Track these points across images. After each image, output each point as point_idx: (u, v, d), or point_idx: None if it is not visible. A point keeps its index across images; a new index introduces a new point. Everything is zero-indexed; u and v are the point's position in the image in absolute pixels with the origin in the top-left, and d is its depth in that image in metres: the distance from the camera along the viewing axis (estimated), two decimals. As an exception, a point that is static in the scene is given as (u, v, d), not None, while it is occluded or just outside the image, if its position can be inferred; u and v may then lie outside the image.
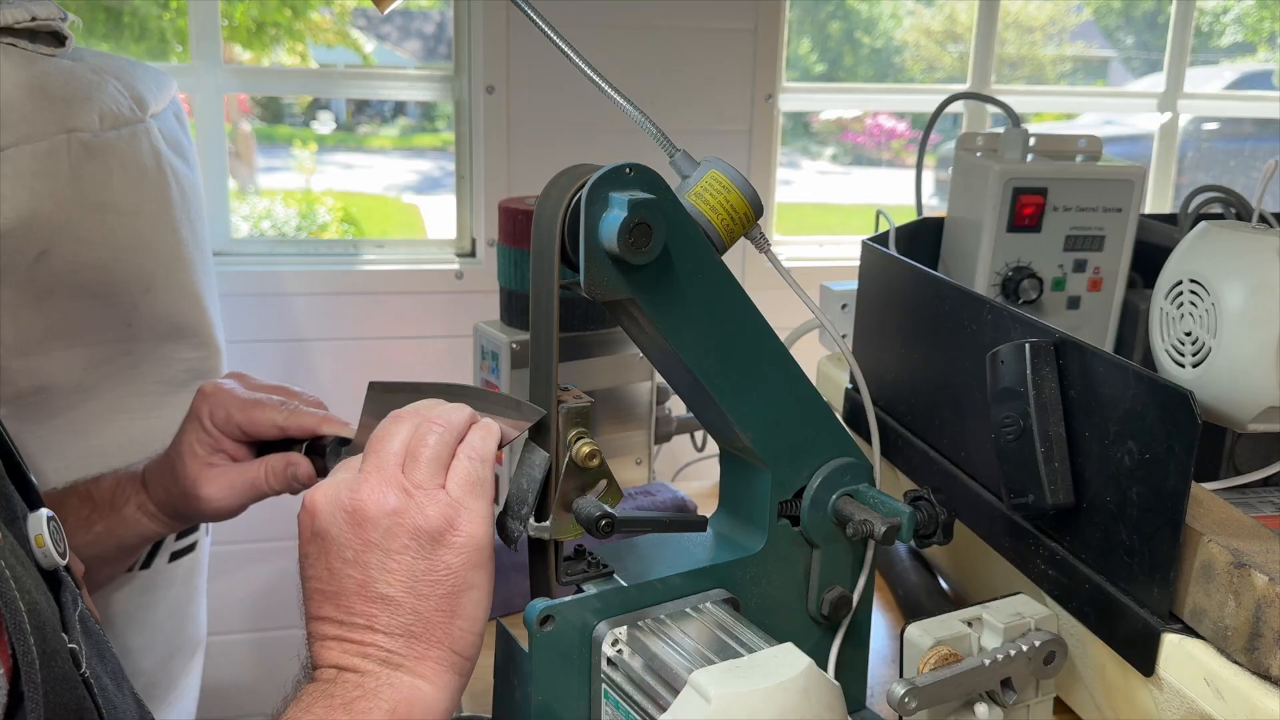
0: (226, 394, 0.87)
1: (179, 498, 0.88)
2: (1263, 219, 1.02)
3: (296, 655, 0.66)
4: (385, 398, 0.74)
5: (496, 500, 0.68)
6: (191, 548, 1.03)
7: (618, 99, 0.70)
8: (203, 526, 1.37)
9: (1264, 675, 0.61)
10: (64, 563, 0.64)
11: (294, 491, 0.86)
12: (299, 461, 0.86)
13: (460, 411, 0.68)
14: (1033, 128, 1.11)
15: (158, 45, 2.57)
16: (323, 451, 0.85)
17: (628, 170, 0.64)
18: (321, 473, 0.85)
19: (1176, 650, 0.65)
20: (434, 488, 0.64)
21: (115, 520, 0.91)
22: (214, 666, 1.62)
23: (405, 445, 0.65)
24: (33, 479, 0.68)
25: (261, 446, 0.89)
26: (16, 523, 0.61)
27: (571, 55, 0.70)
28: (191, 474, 0.86)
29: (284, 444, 0.87)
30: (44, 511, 0.64)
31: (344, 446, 0.84)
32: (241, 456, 0.88)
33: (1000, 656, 0.72)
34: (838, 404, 1.08)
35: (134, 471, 0.93)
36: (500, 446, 0.68)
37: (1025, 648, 0.72)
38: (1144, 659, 0.67)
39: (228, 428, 0.86)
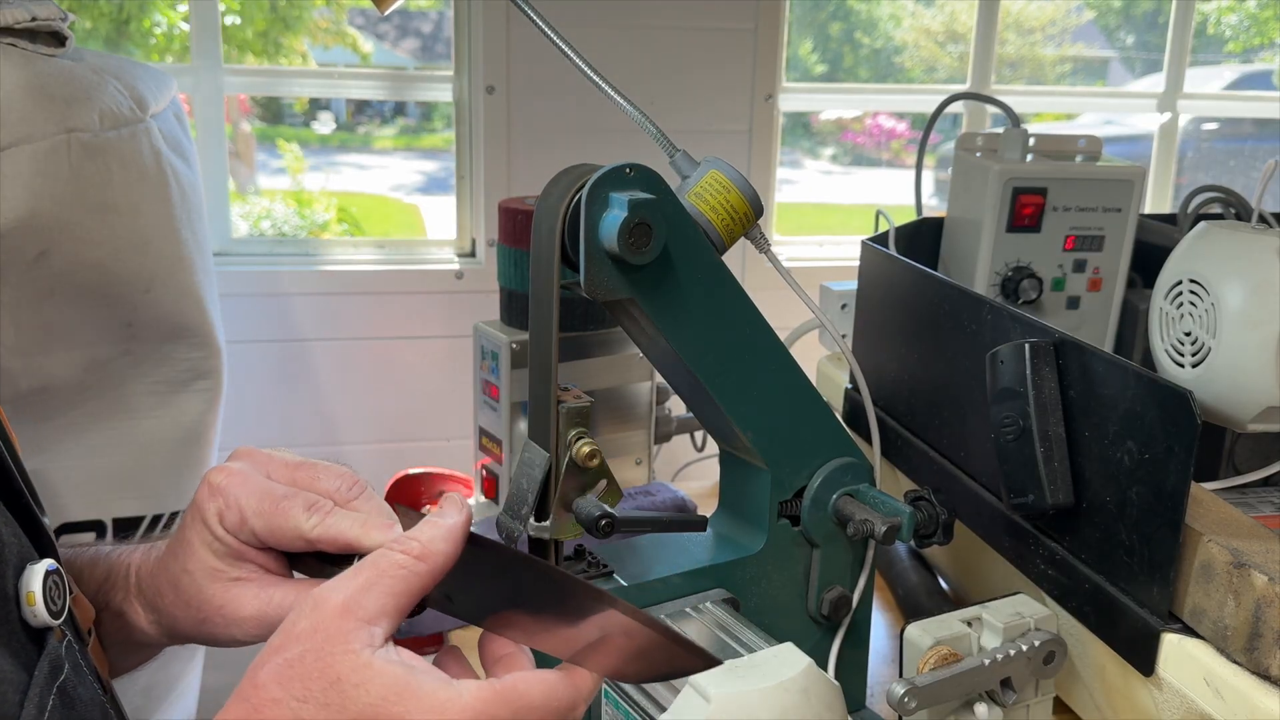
0: (240, 489, 0.63)
1: (197, 624, 0.65)
2: (1262, 219, 1.02)
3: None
4: (474, 555, 0.56)
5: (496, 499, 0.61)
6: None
7: (618, 99, 0.70)
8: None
9: (1264, 675, 0.61)
10: (57, 622, 0.54)
11: None
12: None
13: None
14: (1033, 128, 1.11)
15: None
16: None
17: (628, 170, 0.64)
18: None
19: (1176, 650, 0.65)
20: None
21: (108, 618, 0.69)
22: (214, 666, 1.62)
23: None
24: (45, 521, 0.59)
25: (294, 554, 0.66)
26: (3, 580, 0.53)
27: (571, 55, 0.70)
28: (213, 598, 0.64)
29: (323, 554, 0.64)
30: (44, 564, 0.54)
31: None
32: (274, 566, 0.65)
33: (1000, 656, 0.72)
34: (838, 404, 1.08)
35: (124, 562, 0.70)
36: None
37: (1025, 648, 0.72)
38: (1144, 659, 0.67)
39: (241, 532, 0.63)
